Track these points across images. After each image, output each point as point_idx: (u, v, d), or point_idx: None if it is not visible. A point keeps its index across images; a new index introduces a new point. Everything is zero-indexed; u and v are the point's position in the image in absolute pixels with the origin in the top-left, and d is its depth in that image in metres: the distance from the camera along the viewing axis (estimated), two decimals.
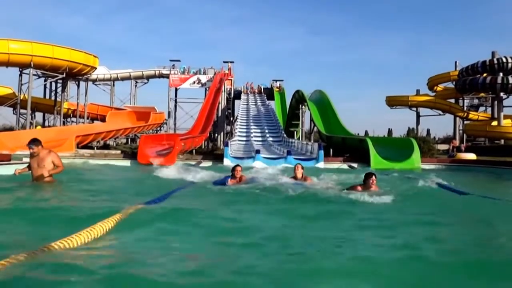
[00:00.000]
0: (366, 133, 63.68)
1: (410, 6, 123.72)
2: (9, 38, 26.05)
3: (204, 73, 38.54)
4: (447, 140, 48.31)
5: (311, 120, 29.61)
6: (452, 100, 45.13)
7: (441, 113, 45.19)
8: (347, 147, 20.87)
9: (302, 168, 8.23)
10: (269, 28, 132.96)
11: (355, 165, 16.72)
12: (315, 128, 28.89)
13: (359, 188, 7.13)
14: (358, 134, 40.34)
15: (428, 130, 57.82)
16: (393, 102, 47.16)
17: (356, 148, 19.27)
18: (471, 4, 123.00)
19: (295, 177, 8.08)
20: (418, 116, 47.04)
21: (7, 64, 26.73)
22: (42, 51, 26.80)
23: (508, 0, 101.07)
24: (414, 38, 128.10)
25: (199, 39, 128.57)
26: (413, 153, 16.66)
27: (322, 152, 16.77)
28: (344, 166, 16.85)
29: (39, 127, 31.57)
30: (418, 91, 47.66)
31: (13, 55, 26.02)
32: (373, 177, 7.10)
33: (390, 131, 63.16)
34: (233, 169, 8.47)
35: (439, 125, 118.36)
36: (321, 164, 16.44)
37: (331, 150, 19.83)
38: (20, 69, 28.08)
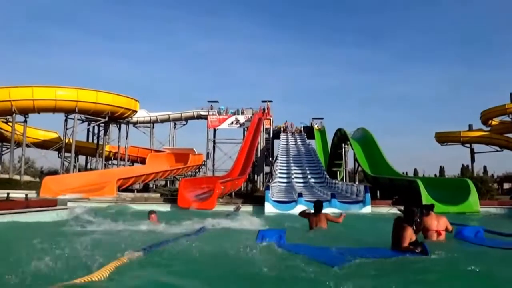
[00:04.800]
0: (416, 171, 60.44)
1: (457, 36, 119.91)
2: (56, 85, 27.31)
3: (243, 113, 38.24)
4: (507, 178, 44.45)
5: (355, 159, 28.09)
6: (510, 135, 41.77)
7: (498, 149, 41.86)
8: (395, 188, 19.34)
9: None
10: (308, 66, 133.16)
11: None
12: (359, 168, 27.32)
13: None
14: (406, 173, 38.02)
15: (484, 168, 53.65)
16: (443, 138, 44.40)
17: (405, 189, 17.72)
18: None
19: None
20: (472, 152, 43.73)
21: (54, 110, 27.91)
22: (87, 96, 27.81)
23: None
24: (464, 70, 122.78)
25: (236, 79, 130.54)
26: (470, 196, 15.29)
27: (368, 195, 15.49)
28: (394, 210, 15.34)
29: None
30: (470, 126, 44.61)
31: (59, 101, 27.16)
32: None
33: (442, 169, 59.41)
34: None
35: (497, 161, 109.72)
36: (368, 209, 15.13)
37: (378, 192, 18.40)
38: (66, 114, 29.20)
